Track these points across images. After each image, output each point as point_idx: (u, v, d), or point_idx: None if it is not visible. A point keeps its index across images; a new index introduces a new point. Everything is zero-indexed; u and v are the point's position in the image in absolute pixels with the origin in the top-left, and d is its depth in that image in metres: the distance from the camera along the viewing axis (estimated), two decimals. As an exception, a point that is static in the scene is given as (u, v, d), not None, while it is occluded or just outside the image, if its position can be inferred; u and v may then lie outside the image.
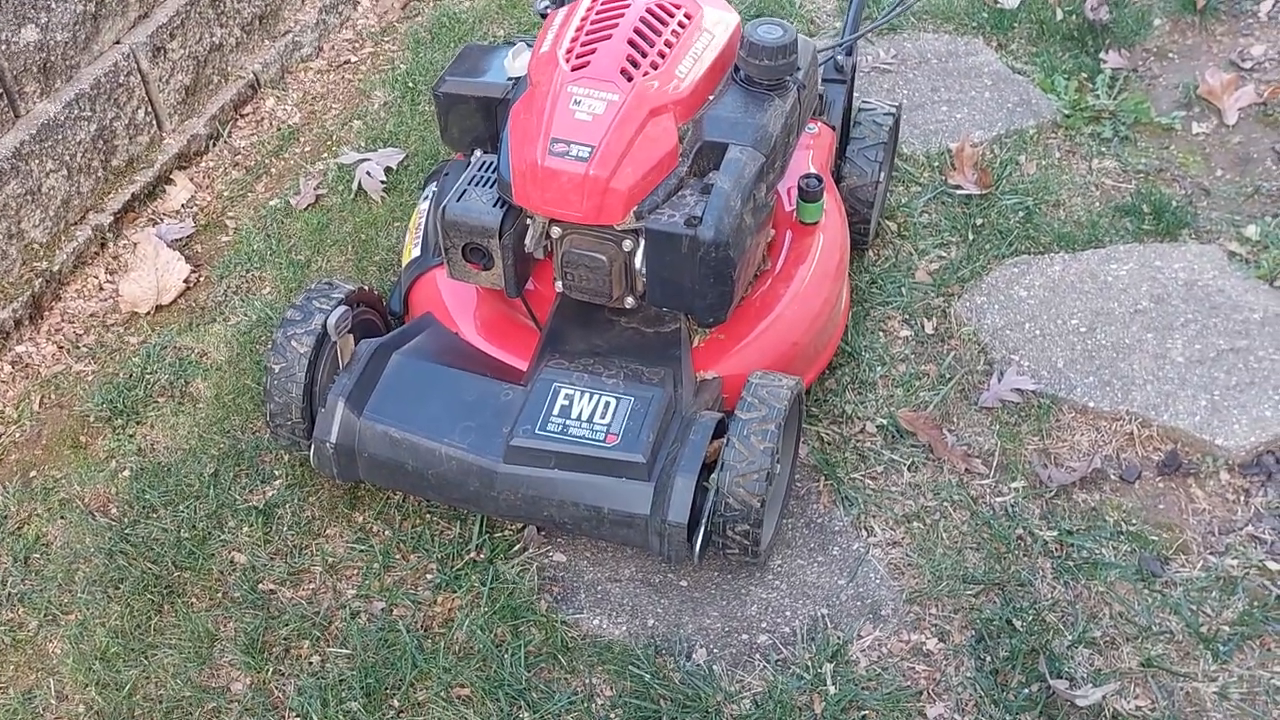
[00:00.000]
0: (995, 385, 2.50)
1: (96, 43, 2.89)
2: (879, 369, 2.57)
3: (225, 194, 3.10)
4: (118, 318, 2.73)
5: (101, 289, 2.80)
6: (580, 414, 2.09)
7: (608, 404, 2.10)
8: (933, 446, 2.40)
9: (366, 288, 2.34)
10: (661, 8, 2.23)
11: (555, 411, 2.09)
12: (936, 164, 3.13)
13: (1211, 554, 2.18)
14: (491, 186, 2.20)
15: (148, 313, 2.73)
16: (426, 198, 2.60)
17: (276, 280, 2.80)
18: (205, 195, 3.09)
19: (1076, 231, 2.91)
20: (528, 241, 2.21)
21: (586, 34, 2.19)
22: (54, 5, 2.72)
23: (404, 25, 3.79)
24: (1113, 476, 2.35)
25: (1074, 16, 3.62)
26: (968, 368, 2.57)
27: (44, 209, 2.74)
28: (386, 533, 2.26)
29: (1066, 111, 3.30)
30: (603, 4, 2.25)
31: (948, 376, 2.55)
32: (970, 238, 2.90)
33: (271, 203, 3.05)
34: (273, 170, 3.18)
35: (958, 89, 3.43)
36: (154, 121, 3.08)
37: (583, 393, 2.12)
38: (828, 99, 2.71)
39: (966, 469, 2.37)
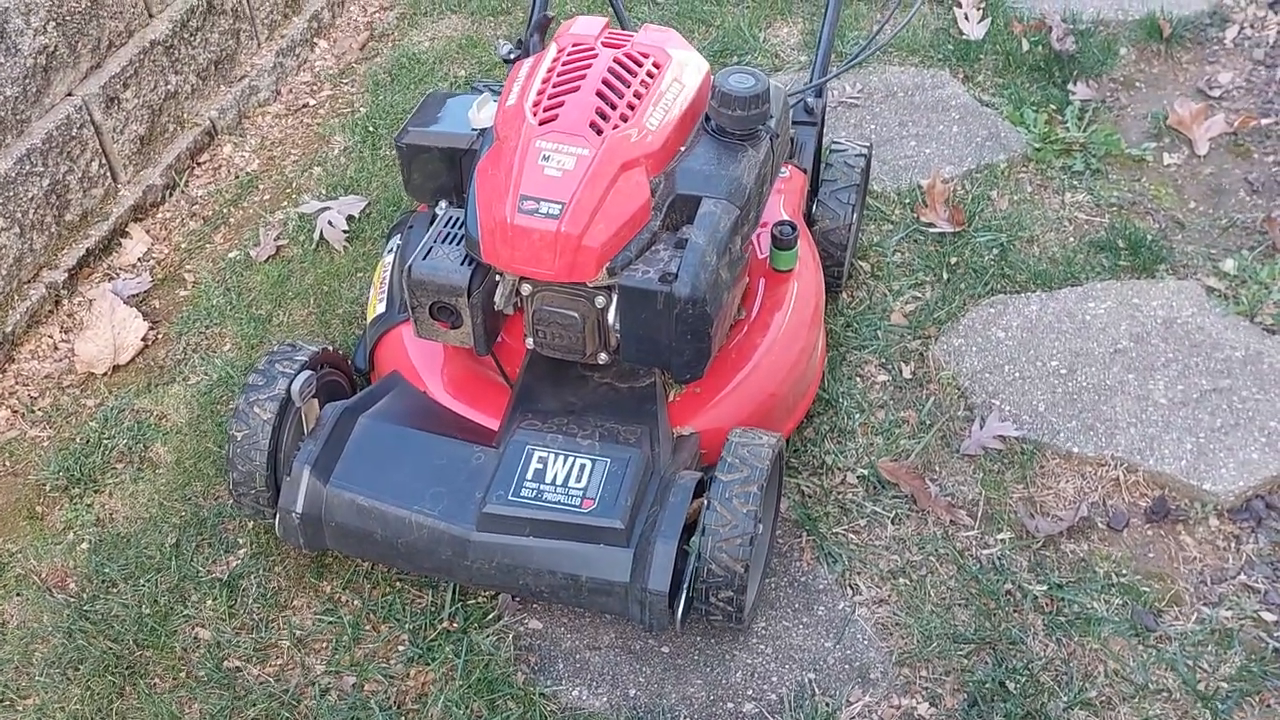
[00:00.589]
0: (977, 432, 2.46)
1: (48, 95, 2.80)
2: (858, 416, 2.52)
3: (183, 246, 3.01)
4: (74, 379, 2.64)
5: (56, 349, 2.71)
6: (555, 478, 2.02)
7: (583, 466, 2.03)
8: (916, 497, 2.35)
9: (331, 348, 2.26)
10: (629, 57, 2.18)
11: (529, 476, 2.02)
12: (908, 201, 3.10)
13: (1205, 605, 2.14)
14: (458, 243, 2.14)
15: (104, 373, 2.64)
16: (390, 250, 2.53)
17: (237, 337, 2.71)
18: (162, 248, 3.00)
19: (1052, 269, 2.88)
20: (497, 299, 2.14)
21: (554, 86, 2.13)
22: (2, 60, 2.63)
23: (363, 66, 3.72)
24: (1100, 525, 2.31)
25: (1040, 47, 3.62)
26: (948, 414, 2.53)
27: (-6, 268, 2.65)
28: (356, 603, 2.17)
29: (1037, 145, 3.28)
30: (569, 54, 2.20)
31: (928, 423, 2.51)
32: (945, 277, 2.86)
33: (231, 254, 2.96)
34: (231, 220, 3.10)
35: (926, 123, 3.41)
36: (108, 173, 2.99)
37: (557, 455, 2.05)
38: (798, 141, 2.66)
39: (951, 520, 2.32)
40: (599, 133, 2.05)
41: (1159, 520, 2.31)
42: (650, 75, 2.15)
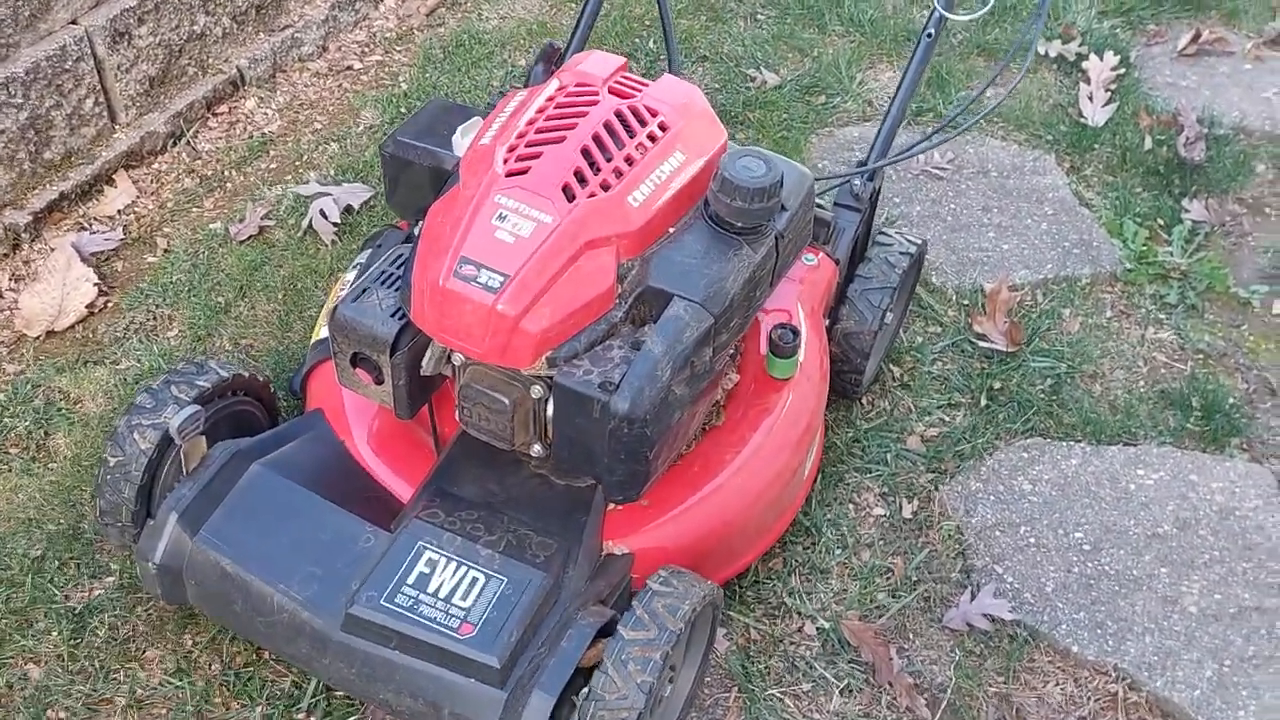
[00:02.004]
0: (966, 604, 2.11)
1: (45, 21, 2.59)
2: (838, 553, 2.19)
3: (169, 204, 2.79)
4: (6, 336, 2.44)
5: (1, 297, 2.51)
6: (439, 589, 1.74)
7: (474, 581, 1.75)
8: (876, 668, 2.02)
9: (247, 374, 2.01)
10: (635, 112, 1.85)
11: (411, 579, 1.75)
12: (965, 303, 2.72)
13: None
14: (397, 288, 1.86)
15: (38, 337, 2.43)
16: (356, 265, 2.26)
17: (186, 324, 2.48)
18: (147, 203, 2.79)
19: (1108, 417, 2.48)
20: (424, 363, 1.86)
21: (537, 131, 1.82)
22: (-8, -22, 2.43)
23: (423, 35, 3.45)
24: (1081, 750, 1.95)
25: (1164, 148, 3.17)
26: (940, 573, 2.17)
27: (-52, 202, 2.46)
28: (214, 667, 1.93)
29: (1130, 264, 2.85)
30: (568, 95, 1.89)
31: (914, 580, 2.16)
32: (983, 403, 2.49)
33: (212, 225, 2.73)
34: (229, 185, 2.87)
35: (1013, 213, 3.01)
36: (105, 113, 2.78)
37: (449, 561, 1.77)
38: (836, 227, 2.32)
39: (908, 707, 1.98)
40: (570, 199, 1.74)
41: (1154, 763, 1.94)
42: (652, 138, 1.83)
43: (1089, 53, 3.48)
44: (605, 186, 1.76)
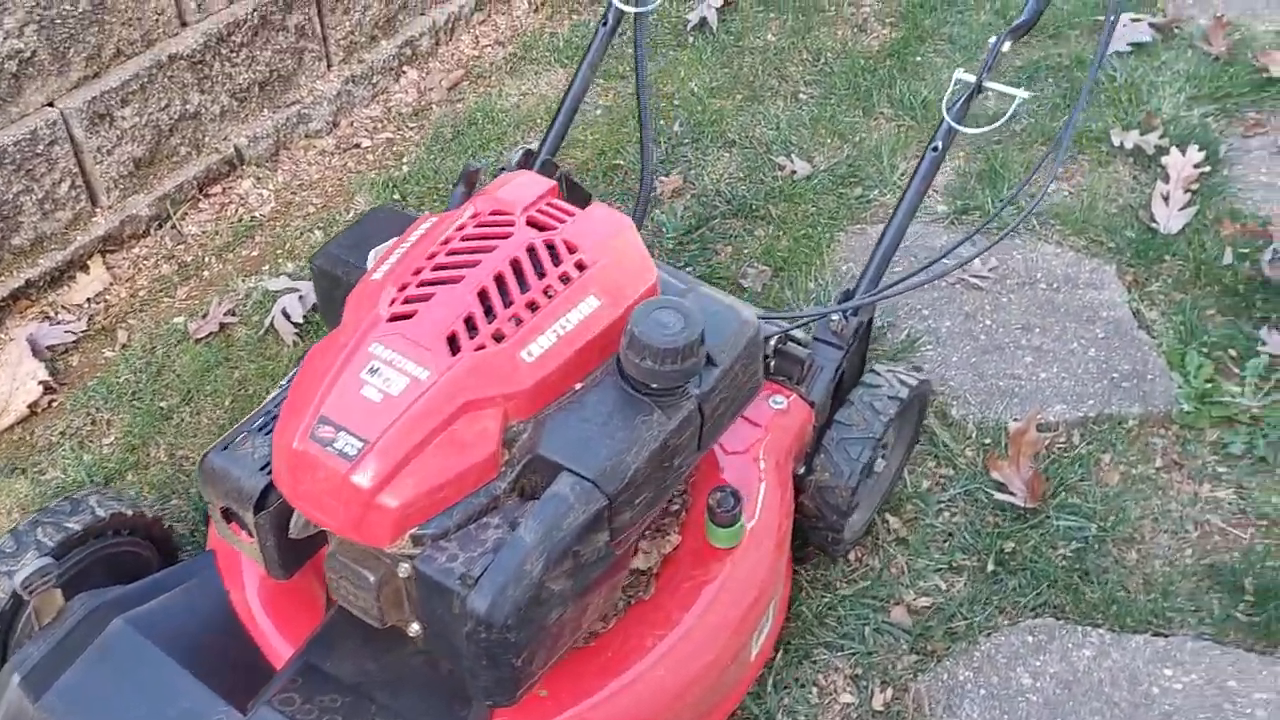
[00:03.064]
0: (930, 832, 1.79)
1: (16, 104, 2.50)
2: (788, 750, 1.89)
3: (141, 293, 2.67)
4: (-55, 433, 2.35)
5: (-48, 390, 2.43)
6: (275, 795, 1.52)
7: (316, 791, 1.53)
8: None
9: (131, 511, 1.84)
10: (550, 247, 1.62)
11: (247, 780, 1.54)
12: (986, 442, 2.39)
13: None
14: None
15: (-28, 438, 2.34)
16: (281, 385, 2.08)
17: (123, 431, 2.34)
18: (120, 290, 2.67)
19: (1139, 595, 2.12)
20: (292, 526, 1.65)
21: (434, 268, 1.60)
22: (-47, 63, 2.35)
23: (440, 110, 3.29)
24: None
25: (1246, 264, 2.77)
26: (905, 787, 1.86)
27: (-103, 291, 2.38)
28: (62, 839, 1.75)
29: (1189, 404, 2.47)
30: (479, 225, 1.66)
31: (873, 793, 1.85)
32: (989, 569, 2.16)
33: (175, 320, 2.60)
34: (205, 273, 2.74)
35: (1057, 334, 2.65)
36: (85, 196, 2.68)
37: (294, 761, 1.55)
38: (814, 366, 2.03)
39: None
40: (454, 350, 1.51)
41: None
42: (564, 279, 1.59)
43: (1170, 145, 3.10)
44: (498, 337, 1.53)
